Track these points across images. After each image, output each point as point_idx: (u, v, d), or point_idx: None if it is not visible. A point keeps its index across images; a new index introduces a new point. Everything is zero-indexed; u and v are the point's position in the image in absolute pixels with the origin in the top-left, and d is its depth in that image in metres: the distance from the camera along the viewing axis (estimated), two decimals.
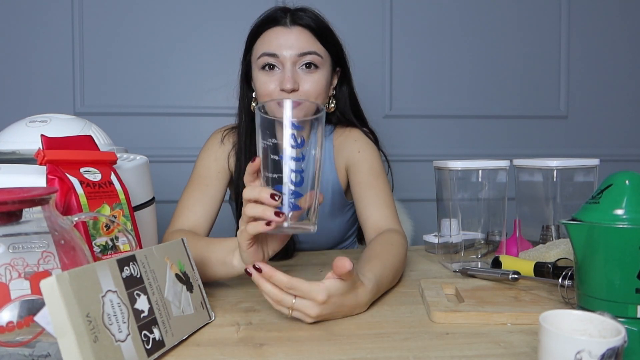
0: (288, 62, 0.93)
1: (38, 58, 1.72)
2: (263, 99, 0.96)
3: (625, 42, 1.92)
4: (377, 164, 1.03)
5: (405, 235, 0.93)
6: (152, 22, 1.75)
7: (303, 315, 0.63)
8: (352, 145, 1.05)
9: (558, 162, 0.87)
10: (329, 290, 0.62)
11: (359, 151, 1.04)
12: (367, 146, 1.05)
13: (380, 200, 0.97)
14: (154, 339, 0.52)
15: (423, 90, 1.86)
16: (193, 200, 0.98)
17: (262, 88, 0.95)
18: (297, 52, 0.93)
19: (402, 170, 1.74)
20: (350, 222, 1.18)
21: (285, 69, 0.93)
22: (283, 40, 0.93)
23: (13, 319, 0.47)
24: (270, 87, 0.94)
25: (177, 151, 1.78)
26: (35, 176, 0.63)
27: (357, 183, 1.01)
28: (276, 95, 0.94)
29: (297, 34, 0.94)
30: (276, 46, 0.93)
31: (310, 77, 0.95)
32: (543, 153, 1.86)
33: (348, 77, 1.07)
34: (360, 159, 1.03)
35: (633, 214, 0.52)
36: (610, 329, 0.44)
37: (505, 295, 0.71)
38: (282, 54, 0.93)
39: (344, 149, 1.06)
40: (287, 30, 0.94)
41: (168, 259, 0.60)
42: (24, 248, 0.50)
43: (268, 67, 0.94)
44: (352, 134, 1.07)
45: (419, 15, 1.84)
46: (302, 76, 0.94)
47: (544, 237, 0.91)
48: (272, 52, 0.93)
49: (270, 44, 0.94)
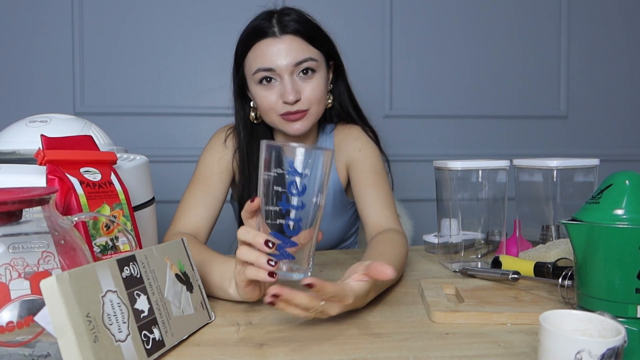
0: (285, 73, 0.92)
1: (38, 58, 1.72)
2: (267, 113, 0.97)
3: (625, 42, 1.92)
4: (377, 163, 1.03)
5: (405, 235, 0.93)
6: (152, 23, 1.75)
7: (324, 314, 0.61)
8: (353, 144, 1.05)
9: (558, 162, 0.87)
10: (355, 292, 0.62)
11: (359, 149, 1.04)
12: (367, 144, 1.05)
13: (381, 199, 0.97)
14: (154, 339, 0.52)
15: (423, 90, 1.86)
16: (195, 201, 0.98)
17: (264, 103, 0.95)
18: (292, 61, 0.92)
19: (402, 170, 1.74)
20: (351, 221, 1.18)
21: (284, 80, 0.93)
22: (276, 51, 0.92)
23: (13, 319, 0.47)
24: (272, 100, 0.94)
25: (177, 151, 1.78)
26: (35, 176, 0.63)
27: (357, 181, 1.01)
28: (279, 108, 0.94)
29: (289, 43, 0.92)
30: (270, 60, 0.92)
31: (310, 83, 0.94)
32: (543, 153, 1.86)
33: (342, 69, 1.06)
34: (361, 157, 1.03)
35: (633, 214, 0.52)
36: (610, 329, 0.44)
37: (505, 295, 0.71)
38: (278, 66, 0.92)
39: (345, 147, 1.06)
40: (277, 40, 0.92)
41: (168, 259, 0.60)
42: (24, 248, 0.50)
43: (265, 80, 0.94)
44: (353, 132, 1.07)
45: (419, 15, 1.84)
46: (301, 84, 0.94)
47: (544, 237, 0.91)
48: (267, 67, 0.92)
49: (263, 58, 0.93)
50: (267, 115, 0.97)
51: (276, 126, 0.99)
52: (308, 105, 0.95)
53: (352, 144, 1.05)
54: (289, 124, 0.96)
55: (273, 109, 0.95)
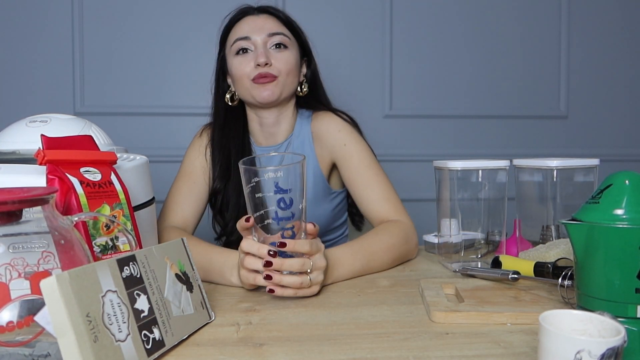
0: (259, 41, 1.02)
1: (38, 58, 1.72)
2: (240, 80, 1.03)
3: (625, 42, 1.92)
4: (366, 156, 1.04)
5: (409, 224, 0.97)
6: (152, 23, 1.75)
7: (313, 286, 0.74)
8: (336, 136, 1.06)
9: (558, 162, 0.87)
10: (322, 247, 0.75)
11: (344, 144, 1.04)
12: (351, 136, 1.06)
13: (379, 194, 1.00)
14: (154, 338, 0.52)
15: (423, 90, 1.86)
16: (181, 197, 1.05)
17: (238, 70, 1.03)
18: (266, 32, 1.02)
19: (402, 170, 1.75)
20: (336, 211, 1.16)
21: (257, 48, 1.02)
22: (253, 24, 1.03)
23: (13, 319, 0.47)
24: (246, 68, 1.02)
25: (177, 151, 1.77)
26: (35, 176, 0.63)
27: (351, 181, 1.03)
28: (251, 72, 1.01)
29: (265, 19, 1.05)
30: (247, 30, 1.03)
31: (281, 55, 1.03)
32: (543, 153, 1.86)
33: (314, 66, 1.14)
34: (348, 153, 1.04)
35: (633, 214, 0.52)
36: (610, 329, 0.44)
37: (505, 295, 0.71)
38: (253, 36, 1.02)
39: (327, 138, 1.07)
40: (256, 17, 1.05)
41: (168, 259, 0.60)
42: (24, 248, 0.50)
43: (242, 51, 1.03)
44: (333, 122, 1.08)
45: (419, 15, 1.84)
46: (273, 54, 1.02)
47: (544, 237, 0.91)
48: (244, 36, 1.02)
49: (241, 30, 1.04)
50: (241, 82, 1.04)
51: (248, 95, 1.04)
52: (277, 72, 1.02)
53: (335, 136, 1.06)
54: (259, 90, 1.02)
55: (246, 74, 1.02)
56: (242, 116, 1.12)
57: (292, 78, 1.05)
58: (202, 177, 1.08)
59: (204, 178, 1.08)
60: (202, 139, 1.13)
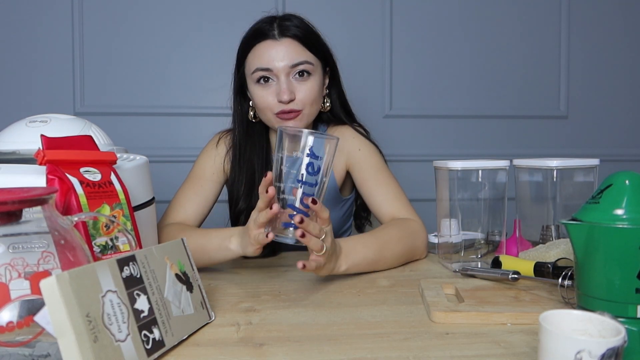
0: (282, 74, 0.97)
1: (38, 58, 1.72)
2: (263, 111, 1.01)
3: (625, 42, 1.92)
4: (378, 160, 1.07)
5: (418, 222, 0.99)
6: (152, 23, 1.75)
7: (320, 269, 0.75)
8: (351, 143, 1.08)
9: (558, 162, 0.87)
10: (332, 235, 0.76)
11: (359, 149, 1.08)
12: (364, 143, 1.09)
13: (389, 195, 1.02)
14: (153, 339, 0.52)
15: (423, 90, 1.86)
16: (186, 199, 1.04)
17: (261, 101, 1.00)
18: (289, 63, 0.97)
19: (402, 170, 1.74)
20: (344, 218, 1.20)
21: (280, 81, 0.97)
22: (274, 53, 0.97)
23: (13, 319, 0.47)
24: (268, 99, 0.99)
25: (177, 151, 1.77)
26: (35, 176, 0.63)
27: (363, 182, 1.06)
28: (275, 106, 0.99)
29: (287, 46, 0.97)
30: (268, 60, 0.97)
31: (304, 85, 0.99)
32: (543, 153, 1.86)
33: (337, 77, 1.11)
34: (362, 157, 1.07)
35: (633, 214, 0.52)
36: (610, 329, 0.44)
37: (505, 295, 0.71)
38: (275, 66, 0.97)
39: (343, 145, 1.08)
40: (276, 42, 0.97)
41: (168, 259, 0.60)
42: (24, 248, 0.50)
43: (263, 80, 0.99)
44: (348, 132, 1.10)
45: (419, 15, 1.84)
46: (296, 85, 0.99)
47: (544, 237, 0.91)
48: (265, 67, 0.97)
49: (262, 59, 0.98)
50: (264, 113, 1.02)
51: (271, 124, 1.03)
52: (302, 106, 0.99)
53: (350, 141, 1.08)
54: (283, 122, 1.00)
55: (269, 108, 0.99)
56: (264, 129, 1.10)
57: (316, 105, 1.03)
58: (210, 184, 1.07)
59: (212, 185, 1.08)
60: (218, 149, 1.10)
